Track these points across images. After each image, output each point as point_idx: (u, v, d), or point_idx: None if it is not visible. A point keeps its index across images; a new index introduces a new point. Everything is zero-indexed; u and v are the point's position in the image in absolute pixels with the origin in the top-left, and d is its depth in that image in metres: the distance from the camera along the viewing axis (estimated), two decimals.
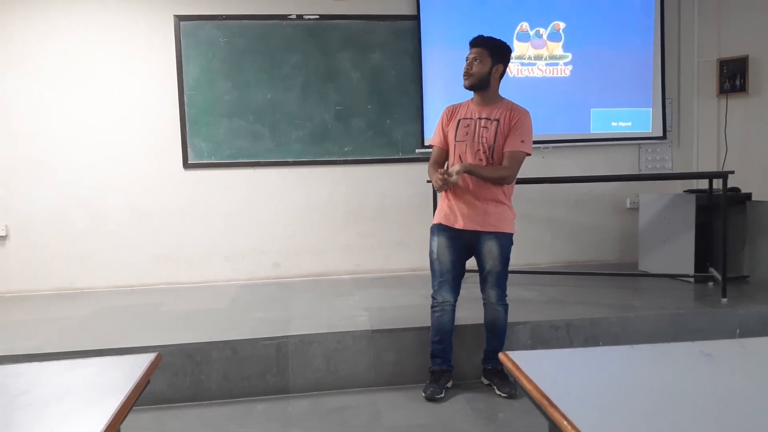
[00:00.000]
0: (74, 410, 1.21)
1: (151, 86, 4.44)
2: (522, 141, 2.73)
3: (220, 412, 2.81)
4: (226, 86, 4.48)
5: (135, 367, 1.45)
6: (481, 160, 2.75)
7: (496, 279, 2.83)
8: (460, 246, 2.82)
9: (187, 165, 4.49)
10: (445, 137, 2.87)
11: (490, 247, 2.78)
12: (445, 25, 4.65)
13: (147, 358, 1.50)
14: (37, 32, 4.31)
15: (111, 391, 1.30)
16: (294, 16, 4.51)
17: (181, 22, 4.40)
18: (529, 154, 2.77)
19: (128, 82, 4.42)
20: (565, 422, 1.06)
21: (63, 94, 4.36)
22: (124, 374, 1.40)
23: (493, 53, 2.76)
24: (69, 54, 4.35)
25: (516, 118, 2.75)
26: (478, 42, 2.78)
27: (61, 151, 4.38)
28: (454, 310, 2.87)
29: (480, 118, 2.78)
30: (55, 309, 3.89)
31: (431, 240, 2.87)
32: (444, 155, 2.90)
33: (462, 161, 2.76)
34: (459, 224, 2.78)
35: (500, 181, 2.74)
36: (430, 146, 2.97)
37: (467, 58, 2.78)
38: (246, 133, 4.52)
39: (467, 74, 2.77)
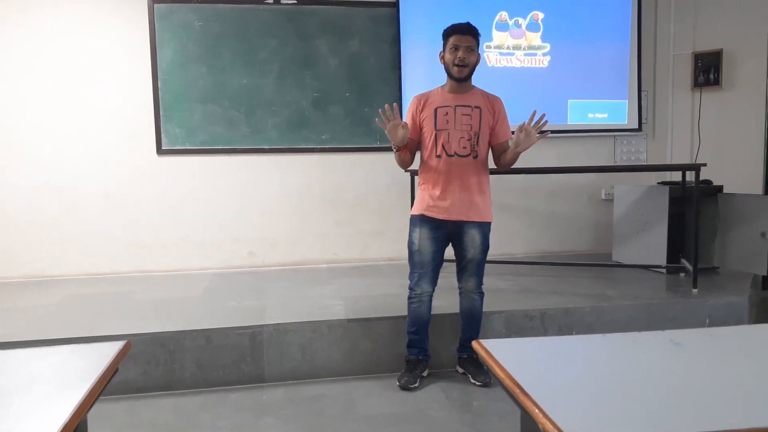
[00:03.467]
0: (40, 399, 1.19)
1: (124, 70, 4.34)
2: (508, 128, 2.87)
3: (193, 401, 2.79)
4: (201, 71, 4.41)
5: (103, 355, 1.42)
6: (465, 147, 2.75)
7: (476, 267, 2.85)
8: (441, 237, 2.82)
9: (160, 151, 4.42)
10: (418, 127, 2.83)
11: (473, 236, 2.79)
12: (424, 13, 4.62)
13: (115, 346, 1.47)
14: (5, 15, 4.17)
15: (78, 379, 1.28)
16: (271, 1, 4.44)
17: (155, 5, 4.31)
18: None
19: (101, 67, 4.31)
20: (536, 410, 1.07)
21: (34, 80, 4.24)
22: (91, 362, 1.38)
23: (478, 42, 2.75)
24: (39, 38, 4.22)
25: (498, 106, 2.83)
26: (470, 30, 2.72)
27: (32, 137, 4.27)
28: (431, 301, 2.88)
29: (459, 106, 2.77)
30: (25, 297, 3.81)
31: (412, 231, 2.85)
32: (414, 145, 2.87)
33: (445, 149, 2.74)
34: (443, 215, 2.76)
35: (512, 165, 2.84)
36: None
37: (456, 45, 2.69)
38: (221, 119, 4.46)
39: (464, 65, 2.71)
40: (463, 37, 2.70)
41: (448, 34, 2.75)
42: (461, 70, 2.72)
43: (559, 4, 4.78)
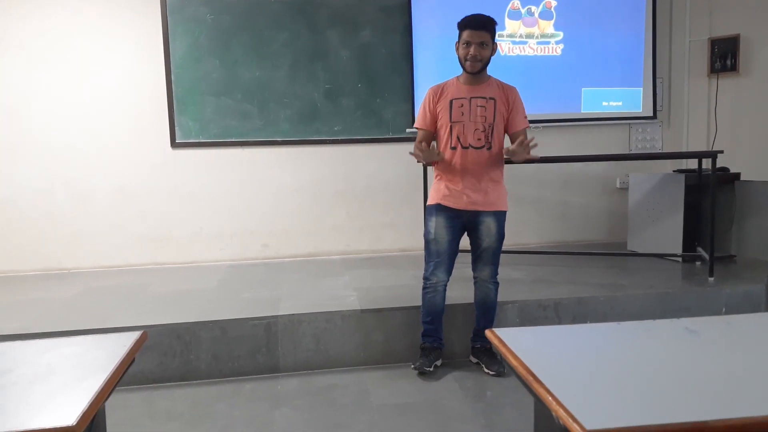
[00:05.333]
0: (58, 388, 1.20)
1: (137, 64, 4.37)
2: (525, 117, 2.85)
3: (209, 391, 2.82)
4: (214, 64, 4.42)
5: (119, 345, 1.44)
6: (479, 139, 2.75)
7: (492, 256, 2.85)
8: (457, 226, 2.83)
9: (174, 144, 4.44)
10: (434, 118, 2.84)
11: (489, 225, 2.80)
12: (436, 2, 4.58)
13: (132, 336, 1.49)
14: (19, 10, 4.21)
15: (95, 369, 1.29)
16: None
17: None
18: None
19: (114, 60, 4.34)
20: (550, 398, 1.06)
21: (47, 73, 4.27)
22: (108, 352, 1.39)
23: (493, 35, 2.73)
24: (52, 32, 4.25)
25: (512, 96, 2.83)
26: (484, 24, 2.68)
27: (46, 131, 4.31)
28: (445, 290, 2.88)
29: (474, 98, 2.76)
30: (41, 289, 3.86)
31: (428, 220, 2.86)
32: (430, 138, 2.88)
33: (460, 141, 2.76)
34: (459, 204, 2.78)
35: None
36: (415, 129, 2.94)
37: (468, 41, 2.68)
38: (234, 112, 4.47)
39: (477, 60, 2.70)
40: (476, 33, 2.68)
41: (461, 27, 2.74)
42: (473, 65, 2.72)
43: None
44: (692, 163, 4.38)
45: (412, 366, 2.90)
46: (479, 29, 2.67)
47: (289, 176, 4.61)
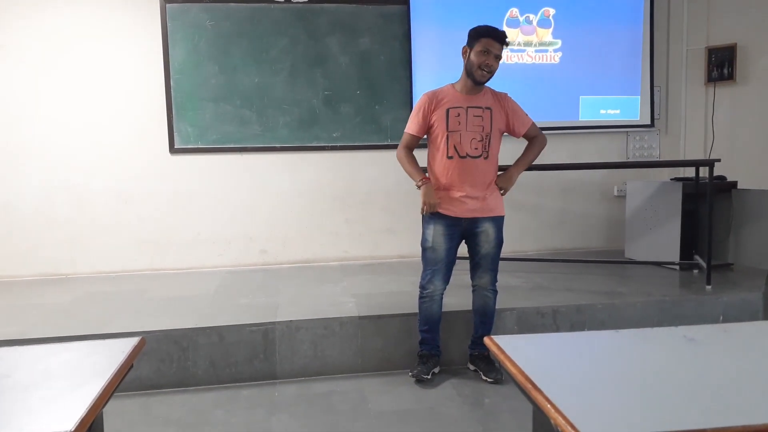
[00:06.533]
0: (56, 394, 1.20)
1: (136, 70, 4.37)
2: (526, 114, 2.89)
3: (206, 397, 2.81)
4: (213, 70, 4.43)
5: (118, 351, 1.44)
6: (476, 148, 2.75)
7: (491, 263, 2.85)
8: (455, 234, 2.83)
9: (173, 150, 4.44)
10: (427, 125, 2.83)
11: (487, 231, 2.80)
12: (434, 10, 4.60)
13: (130, 342, 1.49)
14: (19, 15, 4.22)
15: (93, 375, 1.29)
16: (282, 0, 4.45)
17: (167, 5, 4.33)
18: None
19: (113, 66, 4.35)
20: (548, 405, 1.07)
21: (46, 78, 4.28)
22: (106, 358, 1.39)
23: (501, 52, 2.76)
24: (52, 37, 4.26)
25: (507, 102, 2.85)
26: (504, 39, 2.71)
27: (45, 136, 4.31)
28: (442, 299, 2.88)
29: (471, 107, 2.77)
30: (40, 295, 3.85)
31: (425, 228, 2.86)
32: (416, 144, 2.90)
33: (457, 150, 2.75)
34: (458, 212, 2.78)
35: (543, 148, 2.96)
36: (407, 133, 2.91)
37: (488, 50, 2.67)
38: (233, 117, 4.48)
39: (490, 71, 2.71)
40: (497, 45, 2.69)
41: (481, 34, 2.70)
42: (484, 75, 2.71)
43: None
44: (689, 171, 4.39)
45: (410, 373, 2.90)
46: (500, 42, 2.70)
47: (287, 182, 4.62)
